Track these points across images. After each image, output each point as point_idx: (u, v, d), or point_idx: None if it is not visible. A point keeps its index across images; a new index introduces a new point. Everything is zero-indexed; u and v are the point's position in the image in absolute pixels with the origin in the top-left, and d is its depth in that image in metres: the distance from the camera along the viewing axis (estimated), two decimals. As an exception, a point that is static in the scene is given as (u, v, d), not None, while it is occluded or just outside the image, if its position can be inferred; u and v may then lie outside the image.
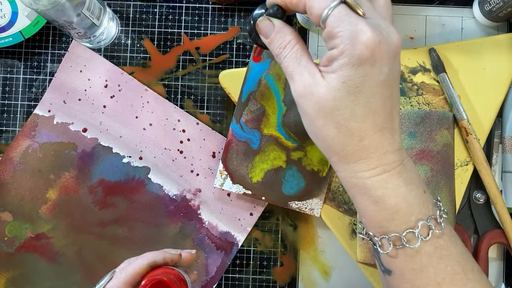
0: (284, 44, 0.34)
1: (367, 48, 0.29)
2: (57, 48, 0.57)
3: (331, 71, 0.31)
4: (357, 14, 0.30)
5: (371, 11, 0.31)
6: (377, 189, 0.32)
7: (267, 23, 0.35)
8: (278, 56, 0.34)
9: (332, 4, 0.30)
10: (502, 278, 0.55)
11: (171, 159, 0.55)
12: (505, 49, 0.53)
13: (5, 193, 0.55)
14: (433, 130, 0.51)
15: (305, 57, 0.33)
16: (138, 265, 0.42)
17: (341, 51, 0.30)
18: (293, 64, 0.33)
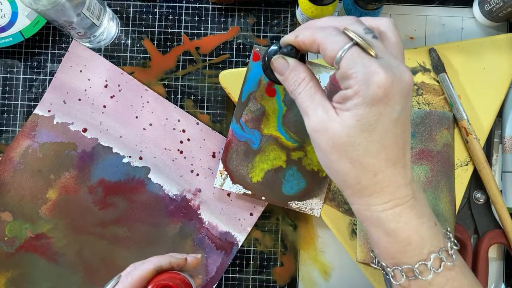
0: (299, 81, 0.35)
1: (380, 89, 0.30)
2: (57, 48, 0.57)
3: (346, 109, 0.32)
4: (369, 55, 0.31)
5: (383, 50, 0.32)
6: (390, 222, 0.33)
7: (282, 61, 0.36)
8: (292, 93, 0.36)
9: (346, 47, 0.31)
10: (502, 278, 0.55)
11: (171, 159, 0.55)
12: (505, 49, 0.53)
13: (5, 193, 0.55)
14: (433, 130, 0.51)
15: (319, 94, 0.34)
16: (144, 269, 0.42)
17: (356, 91, 0.31)
18: (307, 101, 0.34)
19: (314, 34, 0.33)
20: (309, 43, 0.34)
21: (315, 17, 0.51)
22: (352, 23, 0.33)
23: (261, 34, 0.57)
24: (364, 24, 0.33)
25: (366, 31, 0.32)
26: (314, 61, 0.53)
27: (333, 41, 0.32)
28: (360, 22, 0.33)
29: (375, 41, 0.32)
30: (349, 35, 0.31)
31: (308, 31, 0.34)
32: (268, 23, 0.57)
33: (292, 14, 0.57)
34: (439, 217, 0.50)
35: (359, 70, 0.30)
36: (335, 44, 0.31)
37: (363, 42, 0.31)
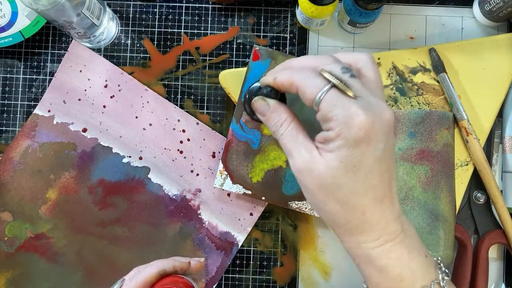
0: (280, 122, 0.35)
1: (361, 130, 0.30)
2: (57, 48, 0.57)
3: (328, 150, 0.32)
4: (348, 96, 0.31)
5: (361, 89, 0.32)
6: (381, 259, 0.33)
7: (262, 103, 0.36)
8: (275, 133, 0.36)
9: (324, 90, 0.31)
10: (502, 278, 0.55)
11: (171, 159, 0.55)
12: (505, 49, 0.53)
13: (5, 193, 0.55)
14: (433, 130, 0.51)
15: (301, 134, 0.34)
16: (148, 273, 0.42)
17: (337, 134, 0.31)
18: (290, 141, 0.34)
19: (291, 76, 0.33)
20: (287, 86, 0.34)
21: (315, 17, 0.51)
22: (329, 62, 0.33)
23: (261, 34, 0.57)
24: (341, 63, 0.33)
25: (343, 71, 0.32)
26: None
27: (311, 84, 0.32)
28: (338, 61, 0.33)
29: (353, 80, 0.32)
30: (326, 77, 0.31)
31: (286, 73, 0.34)
32: (268, 23, 0.57)
33: (292, 14, 0.57)
34: (439, 217, 0.50)
35: (339, 112, 0.30)
36: (313, 87, 0.31)
37: (340, 84, 0.31)
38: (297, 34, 0.57)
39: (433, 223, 0.50)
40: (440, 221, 0.50)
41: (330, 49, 0.56)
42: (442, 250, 0.50)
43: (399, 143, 0.51)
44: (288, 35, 0.57)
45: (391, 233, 0.33)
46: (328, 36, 0.57)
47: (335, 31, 0.57)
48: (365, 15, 0.51)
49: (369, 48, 0.56)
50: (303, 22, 0.55)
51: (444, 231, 0.50)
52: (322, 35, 0.57)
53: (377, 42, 0.56)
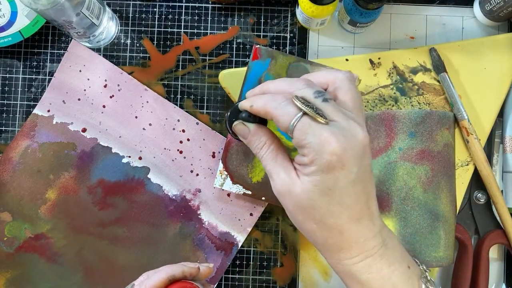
0: (260, 145, 0.37)
1: (333, 156, 0.31)
2: (57, 47, 0.57)
3: (304, 174, 0.33)
4: (319, 122, 0.32)
5: (334, 113, 0.33)
6: (362, 274, 0.34)
7: (242, 127, 0.38)
8: (256, 155, 0.37)
9: (296, 117, 0.32)
10: (503, 279, 0.55)
11: (170, 159, 0.55)
12: (505, 49, 0.53)
13: (4, 193, 0.55)
14: (433, 130, 0.51)
15: (280, 156, 0.36)
16: (157, 278, 0.42)
17: (311, 160, 0.32)
18: (270, 163, 0.36)
19: (266, 105, 0.34)
20: (263, 113, 0.35)
21: (315, 17, 0.51)
22: (302, 87, 0.34)
23: (261, 34, 0.57)
24: (314, 87, 0.34)
25: (316, 95, 0.33)
26: (315, 61, 0.53)
27: (283, 113, 0.33)
28: (311, 85, 0.34)
29: (326, 105, 0.33)
30: (297, 104, 0.32)
31: (261, 100, 0.35)
32: (268, 22, 0.57)
33: (292, 14, 0.57)
34: (439, 217, 0.50)
35: (311, 140, 0.31)
36: (286, 115, 0.32)
37: (311, 111, 0.32)
38: (297, 34, 0.56)
39: (434, 223, 0.50)
40: (441, 221, 0.50)
41: (330, 48, 0.56)
42: (443, 250, 0.50)
43: (399, 143, 0.51)
44: (288, 35, 0.56)
45: (369, 249, 0.34)
46: (328, 35, 0.57)
47: (335, 31, 0.56)
48: (365, 14, 0.50)
49: (369, 47, 0.56)
50: (303, 22, 0.55)
51: (445, 231, 0.50)
52: (322, 34, 0.57)
53: (377, 42, 0.56)
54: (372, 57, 0.54)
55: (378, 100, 0.54)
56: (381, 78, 0.54)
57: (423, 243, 0.50)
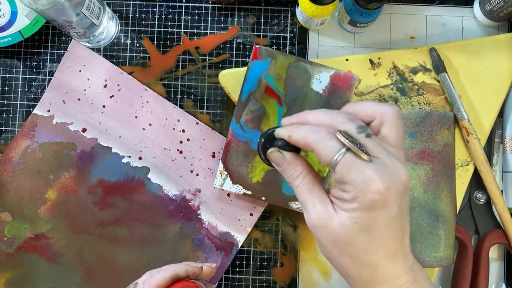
0: (296, 174, 0.36)
1: (377, 195, 0.31)
2: (57, 47, 0.57)
3: (343, 209, 0.32)
4: (363, 159, 0.31)
5: (377, 149, 0.32)
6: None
7: (278, 154, 0.37)
8: (290, 184, 0.36)
9: (339, 153, 0.31)
10: (503, 279, 0.55)
11: (170, 159, 0.55)
12: (505, 49, 0.53)
13: (4, 193, 0.55)
14: (433, 130, 0.51)
15: (317, 187, 0.35)
16: (161, 277, 0.42)
17: (353, 197, 0.31)
18: (305, 194, 0.35)
19: (307, 137, 0.33)
20: (303, 145, 0.34)
21: (315, 17, 0.51)
22: (344, 121, 0.33)
23: (261, 34, 0.56)
24: (357, 121, 0.33)
25: (359, 130, 0.32)
26: (315, 61, 0.53)
27: (326, 147, 0.32)
28: (353, 120, 0.33)
29: (369, 140, 0.32)
30: (341, 140, 0.32)
31: (301, 132, 0.34)
32: (268, 22, 0.57)
33: (292, 14, 0.57)
34: (439, 217, 0.50)
35: (355, 177, 0.31)
36: (328, 150, 0.32)
37: (354, 148, 0.31)
38: (297, 34, 0.56)
39: (434, 223, 0.50)
40: (441, 221, 0.50)
41: (330, 48, 0.56)
42: (443, 250, 0.50)
43: (400, 143, 0.51)
44: (288, 35, 0.56)
45: (402, 284, 0.34)
46: (328, 35, 0.57)
47: (335, 31, 0.56)
48: (365, 14, 0.50)
49: (369, 47, 0.56)
50: (303, 22, 0.55)
51: (445, 231, 0.50)
52: (322, 34, 0.57)
53: (377, 42, 0.56)
54: (372, 57, 0.54)
55: (378, 100, 0.54)
56: (381, 78, 0.54)
57: (423, 243, 0.50)
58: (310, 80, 0.53)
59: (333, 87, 0.53)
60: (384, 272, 0.33)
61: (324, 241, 0.34)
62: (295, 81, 0.52)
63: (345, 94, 0.53)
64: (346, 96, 0.53)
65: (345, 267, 0.34)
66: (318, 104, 0.52)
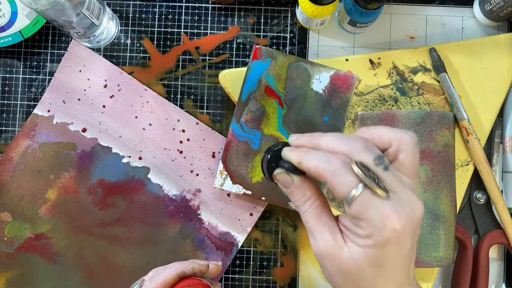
0: (304, 199, 0.34)
1: (393, 233, 0.30)
2: (57, 47, 0.57)
3: (355, 243, 0.31)
4: (380, 196, 0.30)
5: (394, 183, 0.31)
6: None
7: (285, 177, 0.34)
8: (297, 208, 0.34)
9: (355, 190, 0.30)
10: (502, 279, 0.55)
11: (170, 159, 0.55)
12: (505, 49, 0.53)
13: (4, 193, 0.55)
14: (433, 130, 0.51)
15: (326, 214, 0.33)
16: (168, 274, 0.42)
17: (368, 234, 0.30)
18: (313, 220, 0.33)
19: (319, 167, 0.31)
20: (314, 175, 0.31)
21: (315, 17, 0.51)
22: (361, 150, 0.31)
23: (261, 34, 0.57)
24: (374, 151, 0.31)
25: (376, 162, 0.31)
26: (315, 61, 0.53)
27: (342, 181, 0.30)
28: (370, 149, 0.31)
29: (386, 174, 0.31)
30: (358, 175, 0.30)
31: (313, 160, 0.31)
32: (268, 22, 0.57)
33: (292, 14, 0.57)
34: (439, 217, 0.50)
35: (372, 216, 0.30)
36: (344, 185, 0.30)
37: (372, 185, 0.30)
38: (297, 34, 0.56)
39: (434, 223, 0.50)
40: (441, 221, 0.50)
41: (330, 48, 0.56)
42: (443, 250, 0.50)
43: (400, 143, 0.51)
44: (288, 35, 0.56)
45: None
46: (328, 35, 0.57)
47: (335, 31, 0.56)
48: (365, 14, 0.50)
49: (369, 47, 0.56)
50: (303, 22, 0.55)
51: (445, 231, 0.50)
52: (322, 34, 0.57)
53: (377, 42, 0.56)
54: (372, 57, 0.54)
55: (378, 100, 0.54)
56: (381, 78, 0.54)
57: (423, 243, 0.50)
58: (310, 80, 0.53)
59: (333, 87, 0.53)
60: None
61: (330, 270, 0.33)
62: (295, 81, 0.52)
63: (345, 94, 0.53)
64: (346, 96, 0.53)
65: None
66: (318, 104, 0.52)
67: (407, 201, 0.31)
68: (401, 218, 0.30)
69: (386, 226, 0.30)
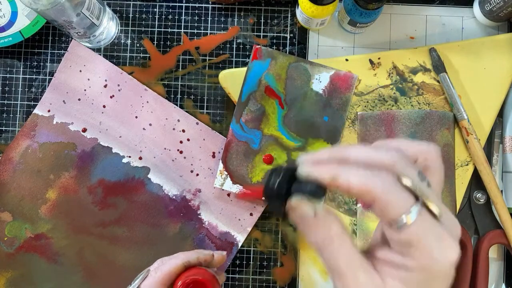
0: (330, 236, 0.27)
1: (450, 267, 0.25)
2: (57, 48, 0.57)
3: (397, 278, 0.26)
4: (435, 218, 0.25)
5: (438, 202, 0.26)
6: None
7: (306, 208, 0.27)
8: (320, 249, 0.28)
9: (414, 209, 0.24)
10: (502, 279, 0.55)
11: (171, 159, 0.55)
12: (505, 49, 0.53)
13: (4, 193, 0.55)
14: (433, 130, 0.51)
15: (356, 251, 0.27)
16: (173, 264, 0.42)
17: (422, 266, 0.25)
18: (343, 264, 0.27)
19: (368, 183, 0.25)
20: (359, 193, 0.25)
21: (315, 17, 0.51)
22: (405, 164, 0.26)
23: (261, 34, 0.57)
24: (415, 166, 0.26)
25: (420, 177, 0.26)
26: (315, 61, 0.53)
27: (397, 199, 0.24)
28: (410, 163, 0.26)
29: (430, 191, 0.26)
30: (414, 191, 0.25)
31: (355, 175, 0.25)
32: (268, 23, 0.57)
33: (292, 14, 0.57)
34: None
35: (432, 244, 0.24)
36: (399, 204, 0.24)
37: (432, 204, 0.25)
38: (297, 34, 0.56)
39: (433, 223, 0.50)
40: (440, 221, 0.50)
41: (330, 48, 0.56)
42: (442, 250, 0.50)
43: (399, 143, 0.51)
44: (288, 35, 0.56)
45: None
46: (328, 36, 0.57)
47: (335, 31, 0.57)
48: (365, 15, 0.50)
49: (369, 47, 0.56)
50: (303, 22, 0.55)
51: (444, 231, 0.50)
52: (322, 35, 0.57)
53: (377, 42, 0.56)
54: (372, 57, 0.54)
55: (378, 100, 0.54)
56: (381, 78, 0.54)
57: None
58: (310, 80, 0.53)
59: (333, 87, 0.53)
60: None
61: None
62: (295, 81, 0.52)
63: (345, 94, 0.53)
64: (345, 96, 0.53)
65: None
66: (318, 104, 0.52)
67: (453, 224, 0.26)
68: (458, 250, 0.25)
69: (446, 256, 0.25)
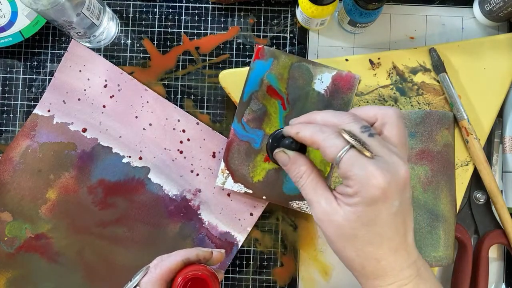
0: (300, 174, 0.38)
1: (378, 190, 0.32)
2: (57, 48, 0.57)
3: (347, 204, 0.34)
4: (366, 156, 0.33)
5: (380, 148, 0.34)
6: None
7: (283, 155, 0.39)
8: (296, 183, 0.38)
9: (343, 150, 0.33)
10: (502, 278, 0.55)
11: (171, 159, 0.55)
12: (505, 49, 0.53)
13: (4, 193, 0.55)
14: (433, 130, 0.51)
15: (320, 185, 0.37)
16: (173, 261, 0.43)
17: (355, 191, 0.33)
18: (310, 192, 0.37)
19: (313, 135, 0.35)
20: (309, 142, 0.36)
21: (315, 17, 0.51)
22: (349, 121, 0.35)
23: (261, 34, 0.57)
24: (361, 122, 0.35)
25: (362, 130, 0.34)
26: (316, 61, 0.53)
27: (331, 144, 0.34)
28: (358, 120, 0.35)
29: (372, 140, 0.34)
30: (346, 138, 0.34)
31: (308, 130, 0.36)
32: (268, 23, 0.57)
33: (292, 14, 0.57)
34: (439, 217, 0.50)
35: (357, 172, 0.33)
36: (333, 147, 0.34)
37: (358, 145, 0.33)
38: (297, 34, 0.57)
39: (433, 223, 0.50)
40: (440, 221, 0.50)
41: (330, 49, 0.56)
42: (442, 250, 0.50)
43: (399, 143, 0.51)
44: (288, 35, 0.57)
45: (405, 278, 0.35)
46: (328, 36, 0.57)
47: (335, 31, 0.57)
48: (365, 15, 0.51)
49: (369, 48, 0.56)
50: (303, 22, 0.55)
51: (444, 231, 0.50)
52: (322, 35, 0.57)
53: (377, 42, 0.56)
54: (372, 57, 0.54)
55: (378, 100, 0.54)
56: (380, 78, 0.54)
57: (423, 243, 0.50)
58: (312, 80, 0.53)
59: (335, 87, 0.53)
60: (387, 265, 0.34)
61: (331, 235, 0.35)
62: (297, 81, 0.53)
63: (346, 94, 0.53)
64: (347, 97, 0.53)
65: (350, 260, 0.35)
66: (320, 104, 0.52)
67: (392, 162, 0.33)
68: (385, 176, 0.32)
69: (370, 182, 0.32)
